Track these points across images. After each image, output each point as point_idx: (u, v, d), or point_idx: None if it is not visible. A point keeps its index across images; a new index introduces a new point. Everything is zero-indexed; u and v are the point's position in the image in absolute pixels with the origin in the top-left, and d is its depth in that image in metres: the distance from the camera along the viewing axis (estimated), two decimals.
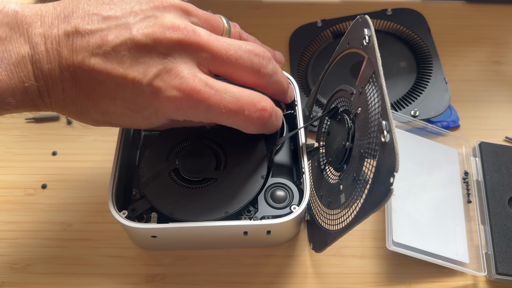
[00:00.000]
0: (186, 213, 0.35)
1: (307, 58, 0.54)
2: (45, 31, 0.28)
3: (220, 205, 0.36)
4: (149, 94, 0.29)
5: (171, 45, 0.29)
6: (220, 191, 0.36)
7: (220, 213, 0.35)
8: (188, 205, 0.36)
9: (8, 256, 0.40)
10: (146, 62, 0.28)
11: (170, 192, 0.36)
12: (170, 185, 0.37)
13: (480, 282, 0.39)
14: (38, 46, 0.28)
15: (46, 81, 0.28)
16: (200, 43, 0.30)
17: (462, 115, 0.49)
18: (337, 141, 0.36)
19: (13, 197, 0.44)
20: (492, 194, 0.42)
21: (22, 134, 0.48)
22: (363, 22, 0.32)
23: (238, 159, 0.38)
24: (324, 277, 0.39)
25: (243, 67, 0.31)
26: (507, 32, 0.57)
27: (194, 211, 0.35)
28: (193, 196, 0.36)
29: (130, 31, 0.28)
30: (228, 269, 0.40)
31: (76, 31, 0.28)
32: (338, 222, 0.33)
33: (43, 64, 0.28)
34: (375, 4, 0.59)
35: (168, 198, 0.36)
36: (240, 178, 0.37)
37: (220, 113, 0.30)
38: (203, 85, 0.29)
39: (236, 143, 0.38)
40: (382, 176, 0.27)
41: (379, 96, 0.30)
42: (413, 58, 0.52)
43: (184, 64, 0.29)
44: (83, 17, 0.28)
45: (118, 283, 0.39)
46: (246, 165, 0.37)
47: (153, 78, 0.29)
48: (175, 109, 0.30)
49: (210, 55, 0.30)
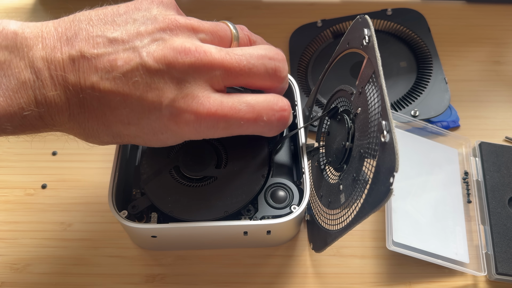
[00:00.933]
0: (185, 212, 0.35)
1: (307, 58, 0.54)
2: (48, 55, 0.27)
3: (220, 204, 0.35)
4: (166, 120, 0.28)
5: (185, 69, 0.28)
6: (220, 190, 0.36)
7: (219, 212, 0.35)
8: (188, 204, 0.36)
9: (8, 256, 0.40)
10: (160, 88, 0.28)
11: (171, 190, 0.36)
12: (171, 183, 0.37)
13: (480, 282, 0.39)
14: (42, 72, 0.26)
15: (50, 108, 0.27)
16: (213, 63, 0.29)
17: (462, 115, 0.49)
18: (337, 141, 0.36)
19: (13, 197, 0.44)
20: (492, 194, 0.42)
21: None
22: (363, 22, 0.32)
23: (239, 158, 0.37)
24: (324, 277, 0.39)
25: (258, 75, 0.31)
26: (507, 32, 0.57)
27: (194, 209, 0.35)
28: (193, 194, 0.36)
29: (140, 55, 0.27)
30: (228, 269, 0.40)
31: (82, 55, 0.27)
32: (338, 222, 0.33)
33: (47, 91, 0.26)
34: (375, 4, 0.59)
35: (168, 196, 0.36)
36: (240, 177, 0.36)
37: (239, 125, 0.30)
38: (219, 105, 0.29)
39: (237, 141, 0.38)
40: (382, 176, 0.27)
41: (379, 96, 0.30)
42: (413, 58, 0.52)
43: (199, 86, 0.29)
44: (88, 39, 0.27)
45: (118, 283, 0.39)
46: (247, 164, 0.37)
47: (169, 104, 0.28)
48: (194, 132, 0.29)
49: (223, 71, 0.29)
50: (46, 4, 0.60)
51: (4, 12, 0.60)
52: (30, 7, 0.61)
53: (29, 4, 0.61)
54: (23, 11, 0.60)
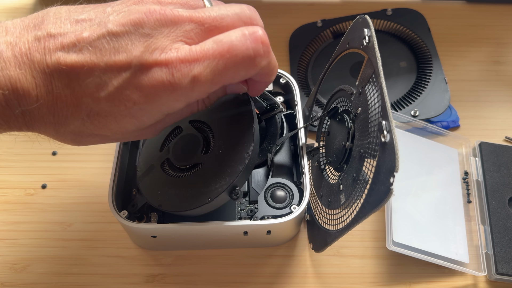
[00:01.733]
0: (172, 204, 0.34)
1: (307, 58, 0.54)
2: (12, 40, 0.26)
3: (205, 191, 0.33)
4: (136, 81, 0.27)
5: (151, 25, 0.27)
6: (205, 175, 0.34)
7: (203, 199, 0.32)
8: (176, 195, 0.34)
9: (8, 256, 0.40)
10: (128, 50, 0.27)
11: (162, 184, 0.35)
12: (162, 176, 0.35)
13: (480, 282, 0.39)
14: (3, 53, 0.25)
15: (15, 90, 0.26)
16: (180, 18, 0.28)
17: (462, 115, 0.49)
18: (337, 141, 0.36)
19: (13, 197, 0.44)
20: (492, 194, 0.42)
21: (22, 134, 0.48)
22: (363, 22, 0.32)
23: (224, 139, 0.34)
24: (324, 277, 0.39)
25: (232, 24, 0.29)
26: (507, 32, 0.57)
27: (179, 201, 0.33)
28: (181, 185, 0.34)
29: (105, 25, 0.27)
30: (228, 269, 0.40)
31: (48, 34, 0.26)
32: (338, 222, 0.33)
33: (10, 70, 0.25)
34: (375, 4, 0.59)
35: (158, 190, 0.35)
36: (224, 159, 0.33)
37: (215, 68, 0.27)
38: (187, 51, 0.27)
39: (223, 122, 0.35)
40: (382, 176, 0.27)
41: (379, 96, 0.30)
42: (413, 58, 0.52)
43: (168, 40, 0.27)
44: (55, 22, 0.27)
45: (118, 283, 0.39)
46: (231, 145, 0.33)
47: (137, 62, 0.27)
48: (170, 89, 0.27)
49: (194, 25, 0.28)
50: (46, 4, 0.60)
51: (4, 12, 0.60)
52: (30, 7, 0.61)
53: (29, 4, 0.61)
54: (23, 11, 0.60)
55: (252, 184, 0.39)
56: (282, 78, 0.43)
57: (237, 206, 0.38)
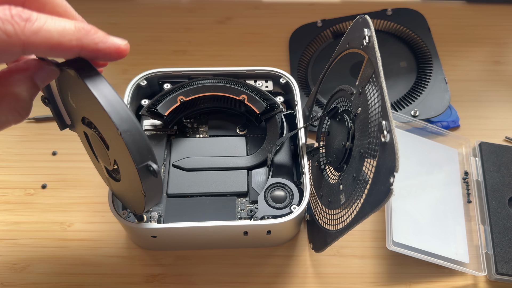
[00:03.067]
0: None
1: (307, 58, 0.54)
2: None
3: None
4: None
5: None
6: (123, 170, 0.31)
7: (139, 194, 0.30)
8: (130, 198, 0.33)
9: (8, 256, 0.40)
10: None
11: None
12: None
13: (480, 282, 0.39)
14: None
15: None
16: None
17: (462, 115, 0.49)
18: (337, 141, 0.36)
19: (13, 197, 0.44)
20: (492, 194, 0.42)
21: (22, 134, 0.48)
22: (363, 22, 0.32)
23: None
24: (324, 277, 0.39)
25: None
26: (507, 32, 0.57)
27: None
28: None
29: None
30: (228, 269, 0.40)
31: None
32: (338, 222, 0.33)
33: None
34: (375, 4, 0.59)
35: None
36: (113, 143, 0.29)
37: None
38: None
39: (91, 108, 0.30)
40: (382, 176, 0.27)
41: (379, 96, 0.30)
42: (413, 58, 0.52)
43: None
44: None
45: (118, 283, 0.39)
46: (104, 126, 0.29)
47: None
48: None
49: None
50: None
51: None
52: None
53: None
54: None
55: (252, 184, 0.39)
56: (282, 78, 0.43)
57: (237, 206, 0.38)
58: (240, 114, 0.43)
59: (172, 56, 0.55)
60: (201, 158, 0.40)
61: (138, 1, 0.60)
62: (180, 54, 0.55)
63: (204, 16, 0.59)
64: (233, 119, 0.44)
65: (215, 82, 0.42)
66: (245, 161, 0.40)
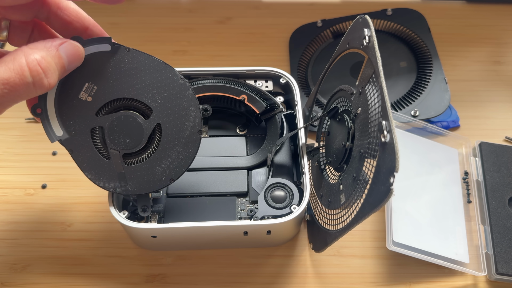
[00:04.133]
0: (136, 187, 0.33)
1: (307, 58, 0.54)
2: None
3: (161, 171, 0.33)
4: None
5: None
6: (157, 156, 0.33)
7: (165, 181, 0.33)
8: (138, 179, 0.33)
9: (8, 256, 0.40)
10: None
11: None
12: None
13: (480, 282, 0.39)
14: None
15: None
16: None
17: (462, 115, 0.49)
18: (337, 141, 0.36)
19: (13, 197, 0.44)
20: (492, 194, 0.42)
21: (22, 134, 0.48)
22: (363, 22, 0.32)
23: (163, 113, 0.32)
24: (324, 277, 0.39)
25: None
26: (507, 32, 0.57)
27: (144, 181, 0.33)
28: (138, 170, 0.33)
29: None
30: (228, 269, 0.40)
31: None
32: (338, 222, 0.33)
33: None
34: (375, 4, 0.59)
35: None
36: (170, 132, 0.32)
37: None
38: None
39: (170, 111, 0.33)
40: (382, 176, 0.27)
41: (379, 96, 0.30)
42: (413, 58, 0.52)
43: None
44: None
45: (118, 283, 0.39)
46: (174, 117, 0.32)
47: None
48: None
49: None
50: None
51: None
52: None
53: None
54: None
55: (252, 184, 0.39)
56: (282, 78, 0.43)
57: (237, 206, 0.38)
58: (240, 114, 0.43)
59: (172, 56, 0.55)
60: (201, 158, 0.40)
61: (138, 1, 0.60)
62: (180, 54, 0.55)
63: (204, 16, 0.59)
64: (233, 119, 0.44)
65: (215, 82, 0.42)
66: (245, 161, 0.40)
